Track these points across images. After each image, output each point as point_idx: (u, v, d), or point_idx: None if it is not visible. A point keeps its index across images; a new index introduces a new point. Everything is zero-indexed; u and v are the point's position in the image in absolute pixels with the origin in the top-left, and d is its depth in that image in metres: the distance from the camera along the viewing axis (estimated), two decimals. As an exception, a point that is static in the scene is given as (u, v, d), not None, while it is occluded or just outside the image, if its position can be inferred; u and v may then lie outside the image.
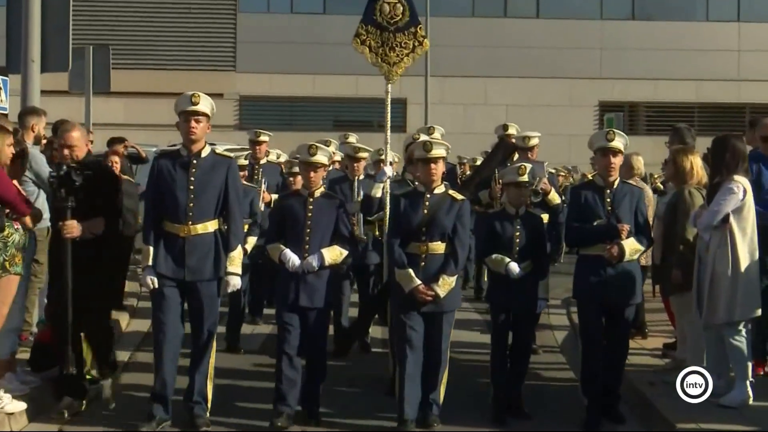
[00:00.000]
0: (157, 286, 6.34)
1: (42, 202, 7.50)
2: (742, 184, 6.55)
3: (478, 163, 13.30)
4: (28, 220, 6.53)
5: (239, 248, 6.51)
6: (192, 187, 6.33)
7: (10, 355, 6.79)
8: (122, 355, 8.14)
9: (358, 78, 24.35)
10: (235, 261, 6.43)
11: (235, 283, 6.43)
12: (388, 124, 7.74)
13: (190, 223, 6.33)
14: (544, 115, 24.22)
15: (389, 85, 7.70)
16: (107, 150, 11.66)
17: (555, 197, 8.42)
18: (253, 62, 25.80)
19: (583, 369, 6.73)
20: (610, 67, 26.52)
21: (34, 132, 8.04)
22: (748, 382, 6.60)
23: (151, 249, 6.36)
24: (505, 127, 9.48)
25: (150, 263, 6.36)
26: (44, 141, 8.43)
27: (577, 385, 6.94)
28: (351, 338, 7.84)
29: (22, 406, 6.40)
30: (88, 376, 6.96)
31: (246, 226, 8.45)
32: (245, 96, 26.33)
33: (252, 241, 8.68)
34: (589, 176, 14.91)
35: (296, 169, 8.71)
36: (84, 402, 6.59)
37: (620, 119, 21.69)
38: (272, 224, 6.99)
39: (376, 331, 8.97)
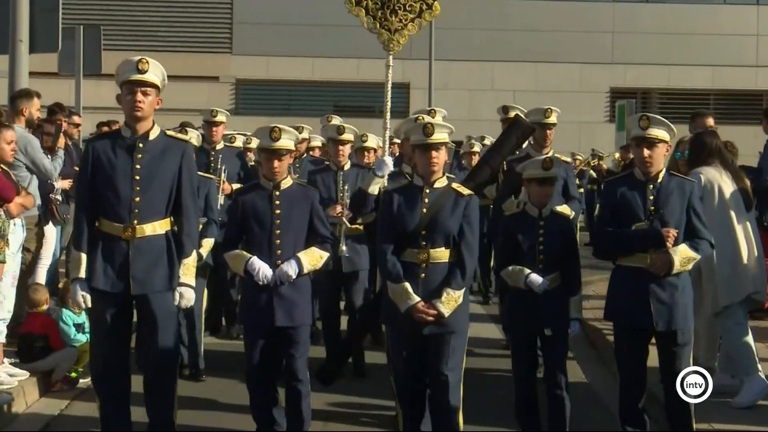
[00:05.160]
0: (89, 304, 5.20)
1: (34, 189, 7.36)
2: (704, 174, 6.43)
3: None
4: (12, 207, 6.37)
5: (194, 254, 5.42)
6: (138, 178, 5.18)
7: None
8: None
9: (360, 61, 24.04)
10: (190, 270, 5.34)
11: (190, 296, 5.36)
12: (388, 106, 6.69)
13: (136, 222, 5.19)
14: (552, 101, 22.89)
15: (390, 57, 6.61)
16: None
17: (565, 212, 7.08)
18: (250, 44, 25.18)
19: (621, 401, 5.72)
20: (622, 52, 25.84)
21: (24, 116, 7.83)
22: (760, 374, 6.33)
23: (83, 256, 5.21)
24: (506, 110, 8.46)
25: (81, 275, 5.21)
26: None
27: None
28: (338, 363, 6.55)
29: (7, 398, 6.33)
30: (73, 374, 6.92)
31: (200, 226, 7.29)
32: (241, 79, 25.74)
33: (209, 243, 7.41)
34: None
35: None
36: None
37: (632, 106, 21.20)
38: (231, 226, 5.83)
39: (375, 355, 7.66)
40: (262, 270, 5.49)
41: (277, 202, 5.59)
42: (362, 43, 23.69)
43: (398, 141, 10.39)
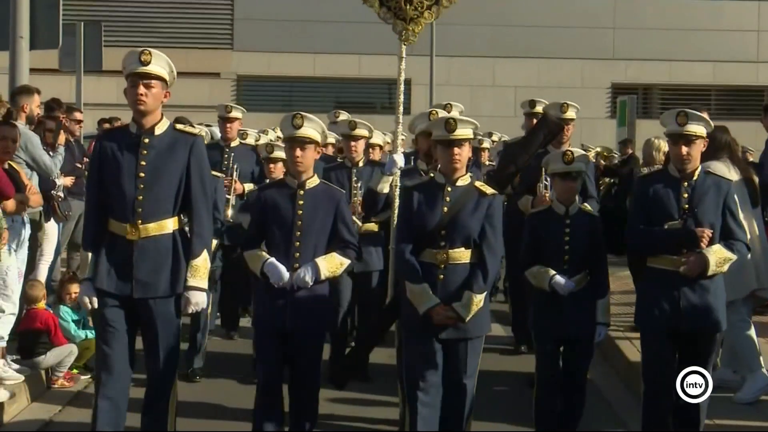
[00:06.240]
0: (96, 306, 5.01)
1: (35, 186, 7.32)
2: (712, 169, 6.00)
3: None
4: (7, 204, 6.38)
5: (204, 255, 5.08)
6: (142, 174, 4.94)
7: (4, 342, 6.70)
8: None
9: (361, 57, 24.08)
10: (199, 272, 5.03)
11: (198, 300, 5.06)
12: (401, 99, 6.31)
13: (140, 221, 4.94)
14: (554, 97, 22.69)
15: (403, 50, 6.20)
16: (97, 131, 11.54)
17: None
18: (251, 40, 25.07)
19: (645, 414, 5.46)
20: (623, 48, 25.73)
21: (25, 112, 7.82)
22: (763, 371, 6.26)
23: (90, 256, 5.02)
24: (532, 104, 8.32)
25: (88, 275, 5.01)
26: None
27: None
28: (353, 368, 6.30)
29: (5, 395, 6.30)
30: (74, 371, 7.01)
31: None
32: (243, 76, 25.64)
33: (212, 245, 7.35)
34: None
35: (278, 154, 7.50)
36: None
37: (634, 102, 21.20)
38: (252, 224, 5.52)
39: (381, 355, 7.35)
40: (279, 273, 5.20)
41: (301, 202, 5.29)
42: (364, 40, 23.75)
43: (403, 137, 10.31)
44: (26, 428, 6.28)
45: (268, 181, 7.56)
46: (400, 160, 6.35)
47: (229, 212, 8.14)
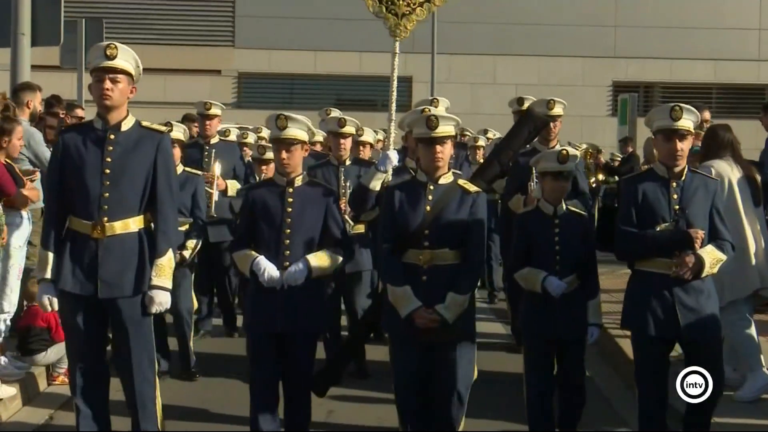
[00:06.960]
0: (56, 308, 4.88)
1: (37, 183, 7.26)
2: (715, 167, 6.21)
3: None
4: (9, 200, 6.43)
5: (170, 254, 4.92)
6: (107, 171, 4.78)
7: (2, 339, 6.72)
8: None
9: (362, 55, 24.03)
10: (164, 271, 4.86)
11: (162, 300, 4.89)
12: (394, 96, 6.24)
13: (106, 219, 4.78)
14: (554, 95, 22.71)
15: (397, 45, 6.18)
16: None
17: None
18: (252, 37, 25.04)
19: (642, 417, 5.26)
20: (624, 46, 25.68)
21: (29, 108, 7.82)
22: (764, 370, 6.26)
23: (51, 256, 4.83)
24: (521, 101, 8.26)
25: (48, 276, 4.83)
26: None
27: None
28: (334, 373, 6.11)
29: (12, 391, 6.28)
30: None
31: (186, 226, 6.89)
32: (244, 73, 25.58)
33: (192, 245, 7.09)
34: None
35: (270, 155, 7.44)
36: None
37: (635, 100, 21.21)
38: (241, 224, 5.42)
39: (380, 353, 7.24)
40: (268, 271, 5.10)
41: (290, 200, 5.19)
42: (365, 37, 23.70)
43: (395, 134, 10.27)
44: (23, 429, 6.23)
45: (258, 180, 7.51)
46: (394, 157, 6.23)
47: (212, 206, 8.02)
